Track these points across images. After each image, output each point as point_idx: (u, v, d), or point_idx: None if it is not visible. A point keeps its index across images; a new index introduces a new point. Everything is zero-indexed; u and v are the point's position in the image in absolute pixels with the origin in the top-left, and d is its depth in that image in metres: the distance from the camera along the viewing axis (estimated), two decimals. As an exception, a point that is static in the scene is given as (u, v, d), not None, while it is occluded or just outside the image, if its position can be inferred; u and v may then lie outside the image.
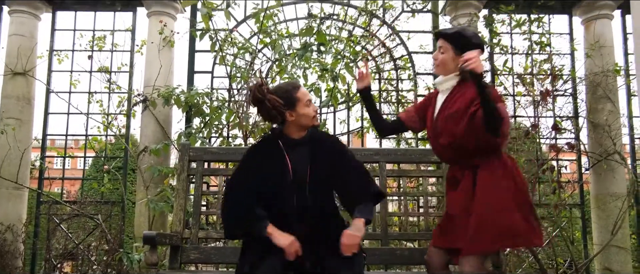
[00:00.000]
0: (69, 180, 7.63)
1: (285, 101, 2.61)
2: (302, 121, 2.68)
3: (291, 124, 2.70)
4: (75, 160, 7.06)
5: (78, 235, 6.25)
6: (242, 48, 6.10)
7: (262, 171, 2.67)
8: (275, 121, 2.69)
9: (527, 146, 6.37)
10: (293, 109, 2.64)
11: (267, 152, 2.72)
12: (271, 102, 2.58)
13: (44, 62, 7.04)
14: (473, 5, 6.64)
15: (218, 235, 3.75)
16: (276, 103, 2.58)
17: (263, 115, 2.68)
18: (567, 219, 6.51)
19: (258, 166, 2.69)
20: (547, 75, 6.67)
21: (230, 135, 6.28)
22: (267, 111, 2.61)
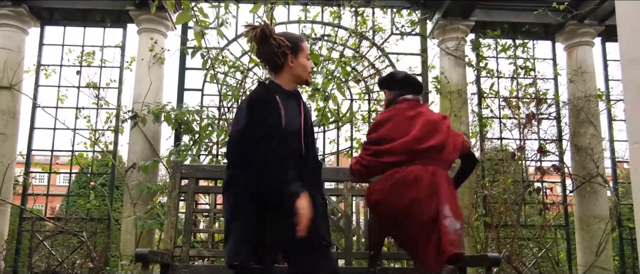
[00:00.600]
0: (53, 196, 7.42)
1: (292, 45, 2.52)
2: (300, 71, 2.58)
3: (287, 74, 2.56)
4: (54, 176, 6.86)
5: (62, 253, 6.06)
6: (232, 66, 6.07)
7: (275, 125, 2.46)
8: (273, 64, 2.54)
9: (513, 168, 6.43)
10: (295, 57, 2.54)
11: (273, 105, 2.49)
12: (278, 41, 2.47)
13: (30, 77, 6.92)
14: (460, 30, 6.75)
15: (209, 253, 3.67)
16: (283, 43, 2.48)
17: (265, 56, 2.53)
18: (552, 240, 6.54)
19: (272, 120, 2.46)
20: (532, 99, 6.78)
21: (220, 153, 6.21)
22: (271, 50, 2.48)
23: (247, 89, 6.23)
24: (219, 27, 5.31)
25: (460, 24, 6.70)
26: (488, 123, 6.89)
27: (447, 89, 6.61)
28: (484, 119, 6.86)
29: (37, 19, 7.04)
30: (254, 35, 2.50)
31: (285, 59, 2.51)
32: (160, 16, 6.62)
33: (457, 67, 6.71)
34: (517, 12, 6.96)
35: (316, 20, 6.87)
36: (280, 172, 2.37)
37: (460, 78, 6.69)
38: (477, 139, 6.79)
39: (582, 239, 6.53)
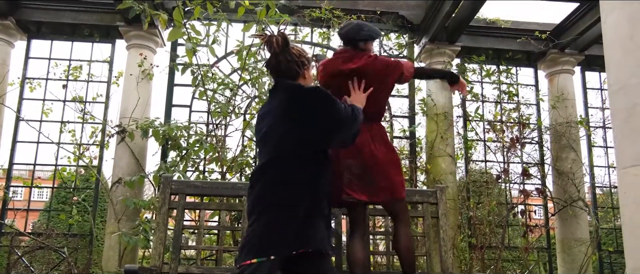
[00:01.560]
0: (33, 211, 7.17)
1: (307, 58, 2.61)
2: (309, 84, 2.64)
3: (300, 80, 2.60)
4: (28, 191, 6.64)
5: (41, 269, 5.82)
6: (221, 84, 6.02)
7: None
8: (292, 73, 2.54)
9: (498, 190, 6.46)
10: (307, 70, 2.61)
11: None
12: (298, 51, 2.56)
13: (15, 90, 6.74)
14: (447, 54, 6.82)
15: (198, 271, 3.55)
16: (304, 53, 2.57)
17: (284, 64, 2.52)
18: (535, 263, 6.56)
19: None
20: (516, 123, 6.86)
21: (207, 169, 6.11)
22: (291, 59, 2.52)
23: (237, 105, 6.16)
24: (212, 44, 5.28)
25: (446, 49, 6.77)
26: (473, 146, 6.94)
27: (434, 111, 6.65)
28: (469, 141, 6.91)
29: (23, 32, 6.90)
30: (276, 43, 2.49)
31: (302, 69, 2.56)
32: (150, 33, 6.55)
33: (443, 90, 6.75)
34: (501, 39, 7.09)
35: (306, 41, 6.88)
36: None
37: (447, 101, 6.74)
38: (462, 161, 6.82)
39: (563, 262, 6.55)
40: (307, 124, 2.44)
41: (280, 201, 2.36)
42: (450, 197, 6.31)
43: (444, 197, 3.60)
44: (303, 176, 2.40)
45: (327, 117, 2.47)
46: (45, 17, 6.83)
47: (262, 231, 2.33)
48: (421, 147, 6.80)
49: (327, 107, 2.48)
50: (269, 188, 2.40)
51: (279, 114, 2.48)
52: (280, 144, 2.44)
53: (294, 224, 2.33)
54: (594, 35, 6.54)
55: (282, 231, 2.32)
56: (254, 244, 2.32)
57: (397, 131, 6.81)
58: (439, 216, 3.55)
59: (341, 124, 2.51)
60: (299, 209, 2.35)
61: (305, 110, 2.47)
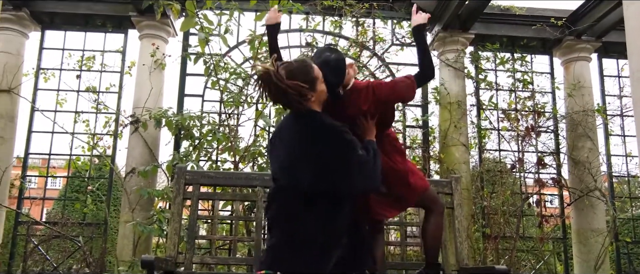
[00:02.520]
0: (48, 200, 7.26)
1: (309, 85, 2.34)
2: (321, 97, 2.45)
3: (312, 104, 2.41)
4: (42, 180, 6.71)
5: (57, 258, 5.88)
6: (234, 73, 5.99)
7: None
8: (297, 107, 2.38)
9: (512, 180, 6.38)
10: (314, 90, 2.38)
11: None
12: (295, 89, 2.28)
13: (29, 80, 6.78)
14: (460, 42, 6.72)
15: (212, 260, 3.56)
16: (302, 90, 2.30)
17: (286, 104, 2.38)
18: (550, 253, 6.49)
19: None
20: (530, 111, 6.76)
21: (219, 159, 6.11)
22: (289, 100, 2.32)
23: (249, 95, 6.14)
24: (224, 34, 5.25)
25: (460, 37, 6.67)
26: (487, 135, 6.85)
27: (447, 100, 6.57)
28: (483, 130, 6.82)
29: (37, 23, 6.92)
30: (268, 89, 2.30)
31: (307, 99, 2.36)
32: (162, 22, 6.53)
33: (456, 79, 6.67)
34: (515, 26, 6.96)
35: (317, 30, 6.82)
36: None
37: (460, 89, 6.65)
38: (476, 150, 6.74)
39: (579, 253, 6.46)
40: (322, 167, 2.33)
41: (290, 224, 2.37)
42: (464, 186, 6.24)
43: (459, 187, 3.55)
44: (312, 210, 2.34)
45: (344, 165, 2.34)
46: (58, 8, 6.85)
47: (275, 246, 2.37)
48: (434, 136, 6.73)
49: (346, 154, 2.34)
50: (283, 211, 2.41)
51: (296, 143, 2.40)
52: (293, 175, 2.38)
53: (302, 248, 2.33)
54: (612, 21, 6.39)
55: (291, 250, 2.33)
56: (268, 256, 2.38)
57: (410, 120, 6.75)
58: (454, 207, 3.50)
59: (357, 173, 2.36)
60: (310, 237, 2.33)
61: (322, 153, 2.33)
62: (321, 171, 2.33)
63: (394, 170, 2.79)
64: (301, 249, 2.32)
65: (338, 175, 2.33)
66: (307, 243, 2.33)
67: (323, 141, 2.34)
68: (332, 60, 2.59)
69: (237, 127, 6.09)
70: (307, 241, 2.33)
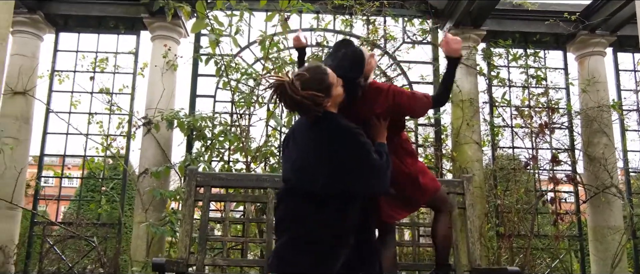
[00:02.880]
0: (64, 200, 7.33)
1: (325, 92, 2.34)
2: (337, 101, 2.46)
3: (330, 107, 2.43)
4: (58, 181, 6.78)
5: (72, 258, 5.94)
6: (245, 74, 5.99)
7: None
8: (307, 115, 2.40)
9: (526, 177, 6.29)
10: (330, 95, 2.38)
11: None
12: (311, 99, 2.29)
13: (44, 82, 6.85)
14: (472, 39, 6.63)
15: (223, 262, 3.56)
16: (318, 99, 2.30)
17: (299, 112, 2.42)
18: (566, 251, 6.38)
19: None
20: (544, 108, 6.65)
21: (231, 159, 6.11)
22: (306, 109, 2.32)
23: (260, 95, 6.13)
24: (234, 35, 5.24)
25: (471, 33, 6.58)
26: (500, 132, 6.76)
27: (459, 98, 6.49)
28: (496, 128, 6.73)
29: (52, 26, 6.99)
30: (283, 100, 2.32)
31: (323, 105, 2.36)
32: (174, 24, 6.55)
33: (468, 76, 6.59)
34: (528, 22, 6.85)
35: (328, 29, 6.78)
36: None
37: (472, 87, 6.57)
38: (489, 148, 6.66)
39: (596, 251, 6.35)
40: (337, 168, 2.34)
41: (298, 227, 2.39)
42: (477, 185, 6.17)
43: (470, 187, 3.49)
44: (323, 211, 2.35)
45: (358, 167, 2.34)
46: (72, 11, 6.92)
47: (282, 248, 2.39)
48: (447, 134, 6.66)
49: (361, 156, 2.35)
50: (290, 213, 2.44)
51: (311, 146, 2.41)
52: (307, 177, 2.39)
53: (307, 250, 2.35)
54: (627, 15, 6.26)
55: (298, 252, 2.35)
56: (275, 258, 2.40)
57: (422, 119, 6.68)
58: (466, 207, 3.44)
59: (370, 175, 2.37)
60: (317, 238, 2.34)
61: (338, 154, 2.34)
62: (336, 172, 2.34)
63: (405, 173, 2.75)
64: (308, 250, 2.33)
65: (353, 176, 2.34)
66: (314, 244, 2.33)
67: (339, 142, 2.35)
68: (349, 55, 2.56)
69: (249, 127, 6.08)
70: (314, 242, 2.34)
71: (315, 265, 2.30)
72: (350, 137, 2.37)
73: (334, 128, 2.38)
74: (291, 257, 2.34)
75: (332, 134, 2.37)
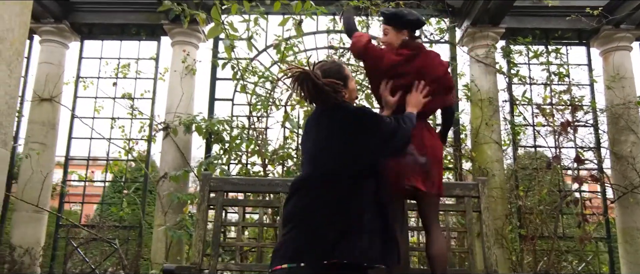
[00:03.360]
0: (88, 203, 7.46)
1: (343, 82, 2.46)
2: (352, 95, 2.59)
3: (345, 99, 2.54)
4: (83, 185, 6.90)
5: (95, 259, 6.04)
6: (262, 77, 5.98)
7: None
8: (326, 103, 2.47)
9: (549, 177, 6.09)
10: (347, 87, 2.51)
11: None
12: (331, 87, 2.39)
13: (69, 89, 7.00)
14: (490, 37, 6.47)
15: (237, 267, 3.54)
16: (337, 87, 2.40)
17: (319, 100, 2.48)
18: (593, 253, 6.15)
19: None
20: (567, 105, 6.43)
21: (249, 162, 6.11)
22: (325, 96, 2.41)
23: (277, 98, 6.11)
24: (249, 40, 5.23)
25: (490, 31, 6.42)
26: (521, 131, 6.57)
27: (478, 97, 6.34)
28: (517, 126, 6.55)
29: (77, 34, 7.13)
30: (306, 88, 2.39)
31: (341, 94, 2.46)
32: (193, 29, 6.60)
33: (487, 75, 6.43)
34: (548, 18, 6.64)
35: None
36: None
37: (491, 85, 6.40)
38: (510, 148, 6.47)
39: (626, 253, 6.09)
40: (350, 143, 2.42)
41: (315, 215, 2.33)
42: (497, 185, 6.02)
43: (485, 190, 3.38)
44: (341, 192, 2.35)
45: (370, 137, 2.43)
46: (96, 19, 7.05)
47: (295, 239, 2.31)
48: (466, 134, 6.51)
49: (371, 126, 2.45)
50: (306, 201, 2.39)
51: (324, 132, 2.47)
52: (322, 161, 2.43)
53: (329, 236, 2.27)
54: (653, 8, 6.00)
55: (314, 240, 2.28)
56: (287, 249, 2.30)
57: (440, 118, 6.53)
58: (482, 210, 3.33)
59: (385, 142, 2.48)
60: (335, 222, 2.29)
61: (350, 130, 2.43)
62: (350, 143, 2.42)
63: (442, 156, 2.85)
64: (322, 238, 2.26)
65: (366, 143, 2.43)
66: (328, 232, 2.27)
67: (359, 119, 2.45)
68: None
69: (266, 130, 6.07)
70: (328, 230, 2.28)
71: (329, 253, 2.24)
72: (359, 113, 2.49)
73: (343, 110, 2.48)
74: (306, 246, 2.27)
75: (341, 114, 2.46)
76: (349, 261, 2.25)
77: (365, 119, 2.45)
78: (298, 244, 2.28)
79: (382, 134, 2.46)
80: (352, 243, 2.27)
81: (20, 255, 5.88)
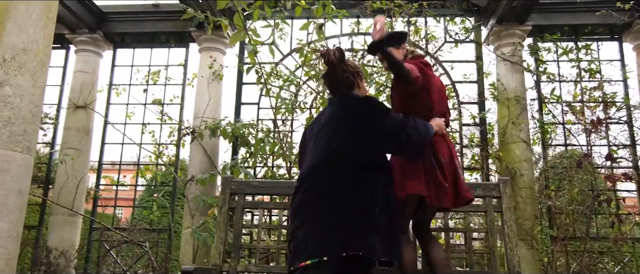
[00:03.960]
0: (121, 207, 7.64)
1: (360, 70, 2.68)
2: (364, 93, 2.70)
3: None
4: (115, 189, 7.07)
5: (127, 262, 6.18)
6: (287, 80, 5.99)
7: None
8: (347, 83, 2.61)
9: (581, 176, 5.86)
10: (361, 80, 2.68)
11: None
12: (351, 65, 2.65)
13: (103, 96, 7.20)
14: (516, 35, 6.29)
15: (257, 269, 3.54)
16: (355, 68, 2.65)
17: (338, 74, 2.61)
18: (631, 255, 5.88)
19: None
20: (599, 102, 6.18)
21: (275, 165, 6.13)
22: (341, 73, 2.60)
23: (301, 101, 6.12)
24: (271, 45, 5.26)
25: (516, 29, 6.24)
26: (552, 129, 6.35)
27: (505, 96, 6.17)
28: (546, 125, 6.34)
29: (110, 43, 7.34)
30: (333, 55, 2.56)
31: (357, 79, 2.64)
32: (219, 35, 6.69)
33: (514, 73, 6.25)
34: (577, 14, 6.41)
35: (368, 32, 6.66)
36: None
37: (518, 84, 6.22)
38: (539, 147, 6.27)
39: (663, 254, 5.82)
40: (356, 133, 2.43)
41: (327, 207, 2.31)
42: (526, 185, 5.84)
43: (507, 190, 3.28)
44: (351, 184, 2.34)
45: (375, 127, 2.46)
46: (128, 28, 7.24)
47: (311, 233, 2.29)
48: (493, 133, 6.35)
49: (376, 116, 2.48)
50: (313, 193, 2.37)
51: (331, 122, 2.50)
52: (327, 151, 2.43)
53: (345, 229, 2.26)
54: (690, 0, 5.71)
55: (331, 234, 2.27)
56: (306, 245, 2.28)
57: (467, 118, 6.41)
58: (503, 210, 3.24)
59: (390, 133, 2.47)
60: (350, 216, 2.29)
61: (355, 119, 2.46)
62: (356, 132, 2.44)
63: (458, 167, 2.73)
64: (339, 231, 2.26)
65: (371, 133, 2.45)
66: (344, 225, 2.27)
67: (367, 108, 2.50)
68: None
69: (291, 133, 6.08)
70: (344, 223, 2.27)
71: (342, 247, 2.24)
72: (365, 102, 2.54)
73: (350, 99, 2.59)
74: (323, 241, 2.26)
75: (347, 103, 2.56)
76: (365, 255, 2.25)
77: (372, 108, 2.50)
78: (317, 238, 2.27)
79: (387, 126, 2.46)
80: (368, 236, 2.27)
81: (56, 257, 6.07)
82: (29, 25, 3.06)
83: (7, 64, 3.11)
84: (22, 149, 3.19)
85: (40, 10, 3.22)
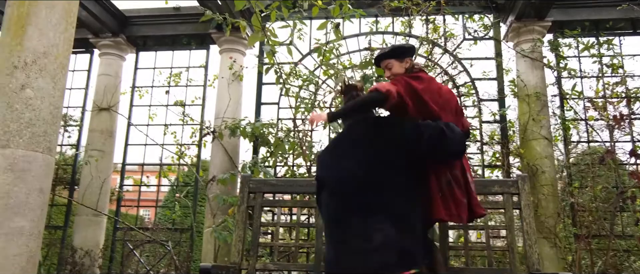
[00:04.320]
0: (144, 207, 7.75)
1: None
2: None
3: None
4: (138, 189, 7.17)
5: (150, 261, 6.27)
6: (306, 80, 6.01)
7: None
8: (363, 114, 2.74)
9: (604, 173, 5.73)
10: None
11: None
12: (359, 87, 2.89)
13: (126, 98, 7.33)
14: (536, 31, 6.19)
15: (275, 266, 3.56)
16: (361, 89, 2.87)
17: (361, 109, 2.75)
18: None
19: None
20: (622, 98, 6.03)
21: (295, 164, 6.15)
22: (370, 106, 2.76)
23: (320, 101, 6.12)
24: (289, 45, 5.29)
25: (535, 25, 6.14)
26: (574, 126, 6.22)
27: (525, 92, 6.07)
28: (568, 121, 6.21)
29: (133, 46, 7.46)
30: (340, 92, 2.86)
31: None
32: (238, 37, 6.74)
33: (534, 70, 6.14)
34: (598, 9, 6.26)
35: (387, 31, 6.63)
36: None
37: (539, 80, 6.11)
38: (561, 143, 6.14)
39: (691, 253, 5.64)
40: (376, 149, 2.53)
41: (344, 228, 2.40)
42: (548, 182, 5.74)
43: (526, 187, 3.22)
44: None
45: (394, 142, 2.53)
46: (150, 32, 7.35)
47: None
48: (513, 130, 6.25)
49: (394, 131, 2.57)
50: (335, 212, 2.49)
51: (352, 140, 2.64)
52: (348, 167, 2.52)
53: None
54: None
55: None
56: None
57: (487, 115, 6.32)
58: (522, 207, 3.19)
59: (412, 141, 2.52)
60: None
61: (375, 136, 2.57)
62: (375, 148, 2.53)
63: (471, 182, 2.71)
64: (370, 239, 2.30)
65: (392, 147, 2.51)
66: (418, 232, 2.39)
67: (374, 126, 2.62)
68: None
69: (312, 132, 6.09)
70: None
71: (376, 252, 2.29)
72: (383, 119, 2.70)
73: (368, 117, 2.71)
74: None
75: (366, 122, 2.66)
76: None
77: (385, 126, 2.62)
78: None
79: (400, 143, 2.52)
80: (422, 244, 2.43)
81: (80, 257, 6.19)
82: (49, 30, 3.14)
83: (29, 67, 3.21)
84: (43, 150, 3.28)
85: (60, 15, 3.31)
